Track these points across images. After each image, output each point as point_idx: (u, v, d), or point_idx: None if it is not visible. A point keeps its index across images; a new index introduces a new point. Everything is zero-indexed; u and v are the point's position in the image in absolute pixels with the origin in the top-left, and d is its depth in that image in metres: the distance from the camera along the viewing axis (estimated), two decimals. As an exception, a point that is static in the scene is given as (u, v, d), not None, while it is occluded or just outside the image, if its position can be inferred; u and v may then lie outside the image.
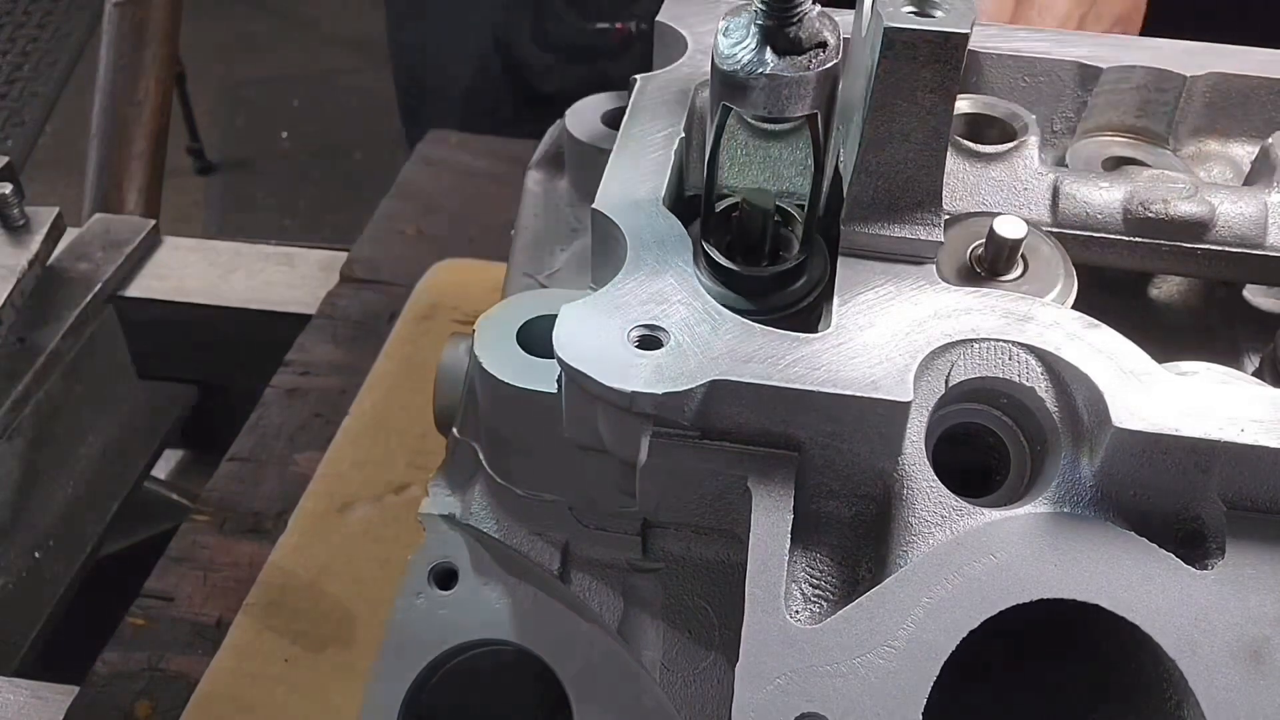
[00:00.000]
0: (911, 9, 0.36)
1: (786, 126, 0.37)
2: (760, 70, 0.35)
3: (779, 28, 0.35)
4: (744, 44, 0.35)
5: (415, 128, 1.08)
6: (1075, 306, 0.37)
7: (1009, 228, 0.38)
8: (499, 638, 0.39)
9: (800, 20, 0.35)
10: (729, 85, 0.35)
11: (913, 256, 0.38)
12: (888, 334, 0.34)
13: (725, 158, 0.39)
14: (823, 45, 0.35)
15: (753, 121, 0.37)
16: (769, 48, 0.35)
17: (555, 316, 0.33)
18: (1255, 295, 0.46)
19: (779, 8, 0.35)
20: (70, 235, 0.82)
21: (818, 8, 0.36)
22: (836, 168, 0.40)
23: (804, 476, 0.34)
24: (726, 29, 0.35)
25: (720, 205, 0.40)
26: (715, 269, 0.39)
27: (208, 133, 2.72)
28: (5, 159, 0.78)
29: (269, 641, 0.60)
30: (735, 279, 0.39)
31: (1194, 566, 0.33)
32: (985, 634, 0.33)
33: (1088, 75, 0.47)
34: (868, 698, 0.32)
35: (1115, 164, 0.47)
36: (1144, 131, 0.49)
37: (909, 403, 0.33)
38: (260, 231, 2.13)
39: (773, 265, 0.40)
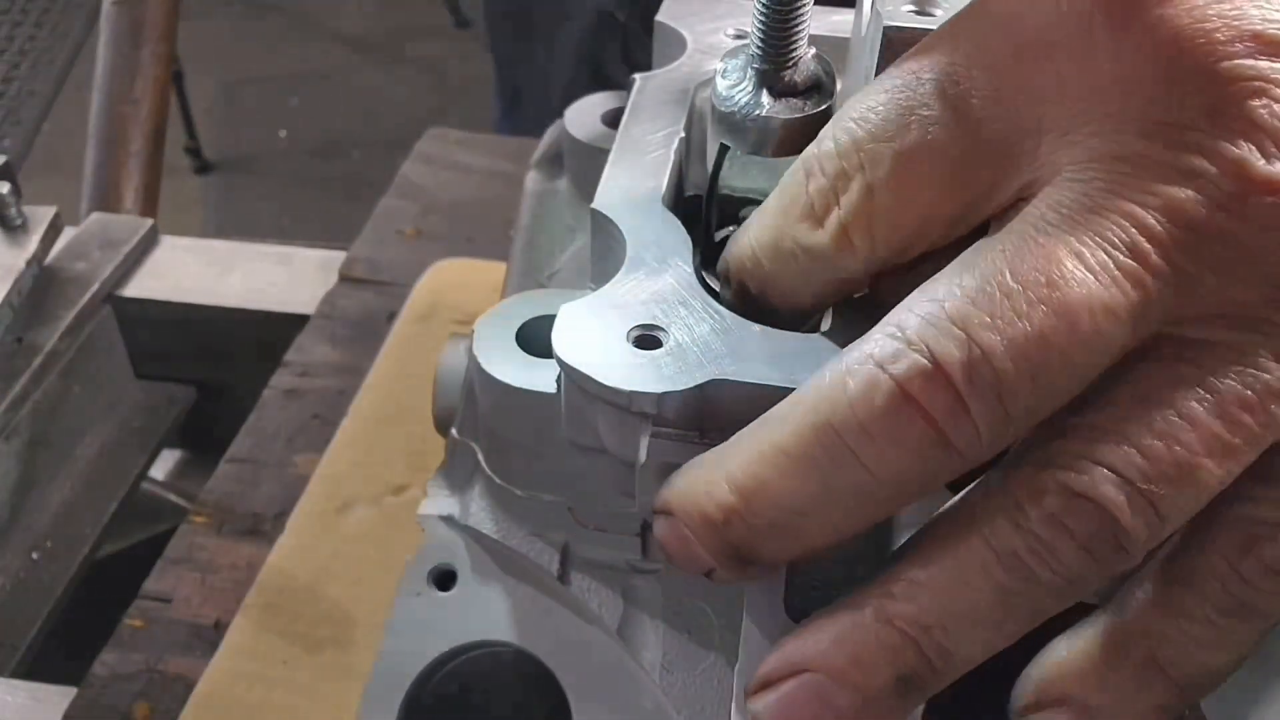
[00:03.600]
0: (912, 8, 0.36)
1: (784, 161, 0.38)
2: (756, 112, 0.35)
3: (775, 71, 0.36)
4: (741, 86, 0.36)
5: (510, 133, 1.10)
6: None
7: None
8: (498, 639, 0.39)
9: (796, 64, 0.36)
10: (725, 124, 0.36)
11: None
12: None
13: (726, 172, 0.39)
14: (818, 88, 0.36)
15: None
16: (765, 90, 0.36)
17: (554, 316, 0.33)
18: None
19: (774, 53, 0.35)
20: (67, 234, 0.81)
21: (813, 50, 0.36)
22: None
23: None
24: (725, 70, 0.36)
25: (719, 235, 0.40)
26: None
27: (205, 132, 2.72)
28: (3, 158, 0.78)
29: (267, 643, 0.60)
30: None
31: None
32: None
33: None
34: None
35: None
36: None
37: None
38: (258, 231, 2.13)
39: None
